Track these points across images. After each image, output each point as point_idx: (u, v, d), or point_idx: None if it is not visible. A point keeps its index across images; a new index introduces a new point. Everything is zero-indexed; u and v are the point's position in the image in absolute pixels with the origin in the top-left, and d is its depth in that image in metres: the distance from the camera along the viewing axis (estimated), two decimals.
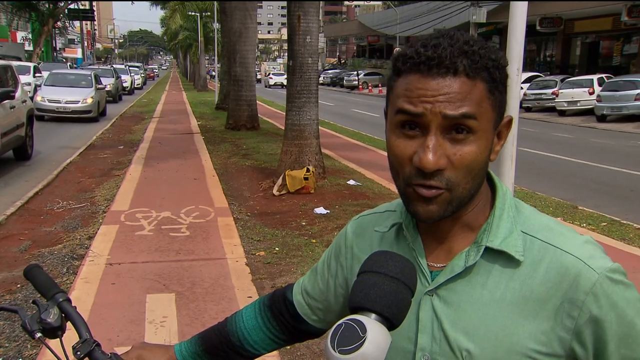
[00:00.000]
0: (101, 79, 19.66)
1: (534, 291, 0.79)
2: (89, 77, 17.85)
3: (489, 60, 0.78)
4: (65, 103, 15.98)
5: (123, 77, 29.40)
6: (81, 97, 16.23)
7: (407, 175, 0.79)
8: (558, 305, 0.78)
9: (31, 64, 21.85)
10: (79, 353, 0.98)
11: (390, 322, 0.71)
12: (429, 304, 0.84)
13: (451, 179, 0.77)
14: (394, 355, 0.70)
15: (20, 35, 38.82)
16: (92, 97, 16.49)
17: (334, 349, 0.68)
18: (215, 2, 25.25)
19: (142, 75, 42.33)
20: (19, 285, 4.20)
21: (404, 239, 0.90)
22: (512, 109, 2.54)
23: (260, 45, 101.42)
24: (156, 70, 75.05)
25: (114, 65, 32.88)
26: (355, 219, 1.03)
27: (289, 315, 1.09)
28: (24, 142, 9.71)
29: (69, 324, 1.03)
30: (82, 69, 23.95)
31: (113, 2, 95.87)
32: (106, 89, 19.99)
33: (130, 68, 35.04)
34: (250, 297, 4.08)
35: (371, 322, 0.69)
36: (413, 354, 0.85)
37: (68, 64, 30.93)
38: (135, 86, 34.48)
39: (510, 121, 0.85)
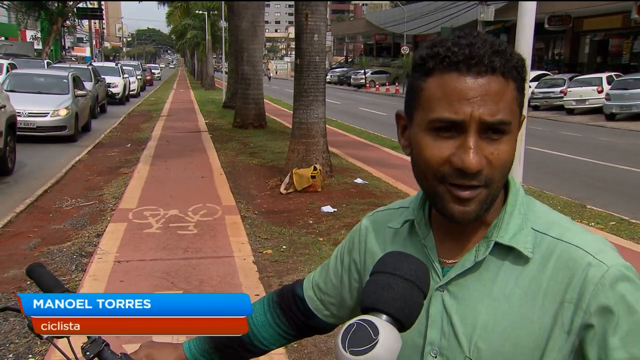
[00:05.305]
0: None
1: (543, 286, 0.79)
2: (65, 80, 12.89)
3: (518, 59, 0.79)
4: (29, 116, 11.33)
5: (113, 79, 22.44)
6: (51, 108, 11.68)
7: (441, 175, 0.78)
8: (567, 299, 0.77)
9: (4, 61, 16.25)
10: (88, 353, 0.98)
11: (402, 325, 0.71)
12: (440, 299, 0.85)
13: (489, 177, 0.78)
14: (403, 348, 0.71)
15: (29, 34, 39.05)
16: (67, 108, 11.86)
17: (344, 349, 0.67)
18: (223, 1, 25.27)
19: (140, 77, 31.92)
20: (28, 282, 4.23)
21: (416, 235, 0.91)
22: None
23: (267, 44, 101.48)
24: (156, 71, 55.43)
25: (95, 64, 23.77)
26: (370, 215, 1.03)
27: (299, 311, 1.09)
28: (3, 155, 8.21)
29: None
30: (55, 68, 17.40)
31: (121, 1, 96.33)
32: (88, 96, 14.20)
33: (123, 67, 25.82)
34: (258, 295, 4.09)
35: (383, 324, 0.69)
36: (422, 348, 0.86)
37: (69, 64, 21.81)
38: (130, 92, 26.56)
39: (523, 120, 0.86)
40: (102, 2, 51.50)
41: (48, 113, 11.66)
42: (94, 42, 52.68)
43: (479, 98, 0.75)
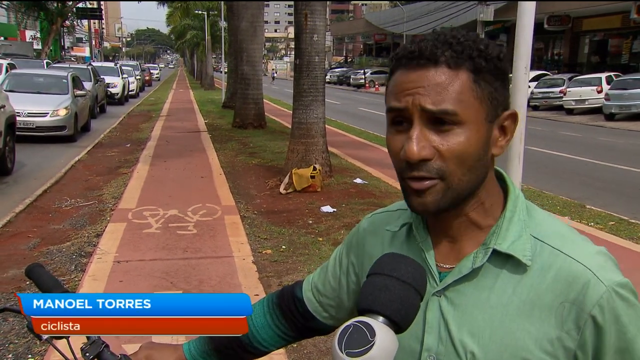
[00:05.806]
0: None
1: (541, 297, 0.78)
2: (64, 80, 12.92)
3: (474, 50, 0.78)
4: (28, 116, 11.30)
5: (112, 79, 22.35)
6: (51, 108, 11.68)
7: (400, 170, 0.81)
8: (565, 314, 0.77)
9: (4, 61, 16.18)
10: (88, 354, 0.98)
11: (398, 326, 0.71)
12: (437, 304, 0.84)
13: (442, 168, 0.78)
14: (400, 353, 0.70)
15: (29, 34, 39.04)
16: (66, 108, 11.85)
17: (341, 351, 0.67)
18: (222, 1, 25.25)
19: (139, 77, 31.44)
20: (28, 282, 4.23)
21: (414, 238, 0.90)
22: (520, 107, 2.53)
23: (267, 44, 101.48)
24: (155, 72, 53.45)
25: (94, 64, 23.60)
26: (369, 216, 1.03)
27: (298, 312, 1.09)
28: (3, 155, 8.23)
29: None
30: (54, 68, 17.28)
31: (121, 1, 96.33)
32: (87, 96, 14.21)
33: (122, 67, 25.52)
34: (257, 295, 4.09)
35: (380, 326, 0.69)
36: (419, 354, 0.85)
37: (68, 64, 22.57)
38: (129, 92, 26.32)
39: (513, 115, 0.83)
40: (102, 2, 51.45)
41: (47, 113, 11.64)
42: (93, 42, 52.64)
43: (420, 88, 0.77)
